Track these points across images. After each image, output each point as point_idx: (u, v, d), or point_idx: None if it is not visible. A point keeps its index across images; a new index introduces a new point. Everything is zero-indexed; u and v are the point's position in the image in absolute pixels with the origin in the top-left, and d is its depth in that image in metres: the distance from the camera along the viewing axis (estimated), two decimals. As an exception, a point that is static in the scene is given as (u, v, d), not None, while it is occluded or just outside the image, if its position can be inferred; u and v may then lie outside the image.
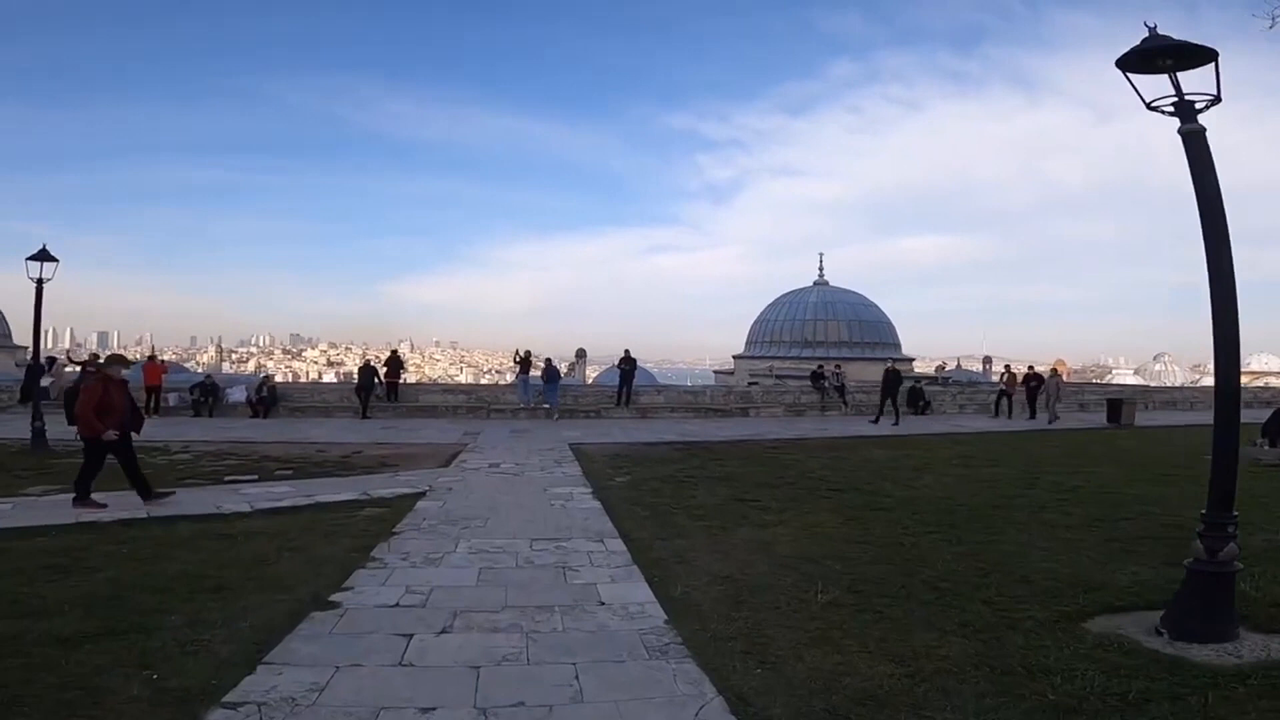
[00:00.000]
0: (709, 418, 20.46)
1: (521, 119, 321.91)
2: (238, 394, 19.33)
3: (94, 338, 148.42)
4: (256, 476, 9.80)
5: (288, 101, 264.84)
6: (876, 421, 18.65)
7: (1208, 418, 4.59)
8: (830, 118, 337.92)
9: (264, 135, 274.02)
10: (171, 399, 18.75)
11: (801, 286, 41.60)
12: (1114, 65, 4.40)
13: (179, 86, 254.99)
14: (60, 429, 13.52)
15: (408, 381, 22.60)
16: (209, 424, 16.86)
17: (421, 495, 8.43)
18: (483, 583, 5.18)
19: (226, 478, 9.69)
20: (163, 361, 21.05)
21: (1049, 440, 16.32)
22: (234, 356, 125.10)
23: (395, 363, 20.18)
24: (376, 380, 19.31)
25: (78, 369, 18.51)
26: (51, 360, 20.04)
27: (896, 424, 18.50)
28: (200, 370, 48.24)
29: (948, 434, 17.25)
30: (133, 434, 8.01)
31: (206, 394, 18.74)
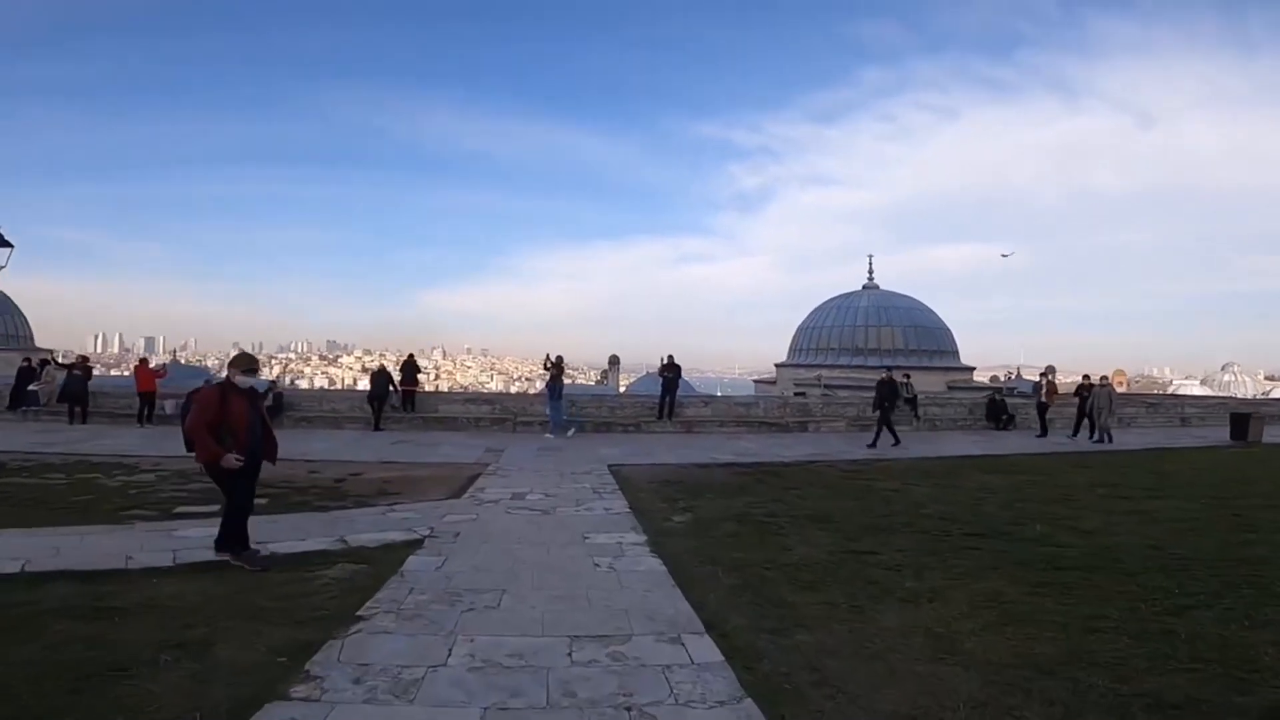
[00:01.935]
0: (763, 432, 17.94)
1: (556, 130, 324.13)
2: (240, 402, 17.41)
3: (141, 343, 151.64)
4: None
5: (331, 113, 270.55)
6: (874, 445, 14.74)
7: None
8: (862, 126, 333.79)
9: (309, 146, 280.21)
10: (168, 406, 16.82)
11: (850, 290, 38.80)
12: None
13: (226, 96, 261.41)
14: (27, 438, 11.67)
15: (434, 389, 20.48)
16: (202, 436, 14.88)
17: (417, 545, 6.15)
18: (485, 750, 2.85)
19: (177, 509, 7.58)
20: (163, 365, 19.21)
21: (1181, 460, 13.61)
22: (272, 361, 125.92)
23: (411, 369, 18.03)
24: (392, 388, 17.23)
25: (63, 373, 16.84)
26: (44, 363, 18.40)
27: (897, 443, 14.86)
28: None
29: (1053, 453, 14.59)
30: (265, 464, 5.93)
31: (205, 402, 16.84)
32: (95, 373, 18.90)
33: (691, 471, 11.30)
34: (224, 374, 5.86)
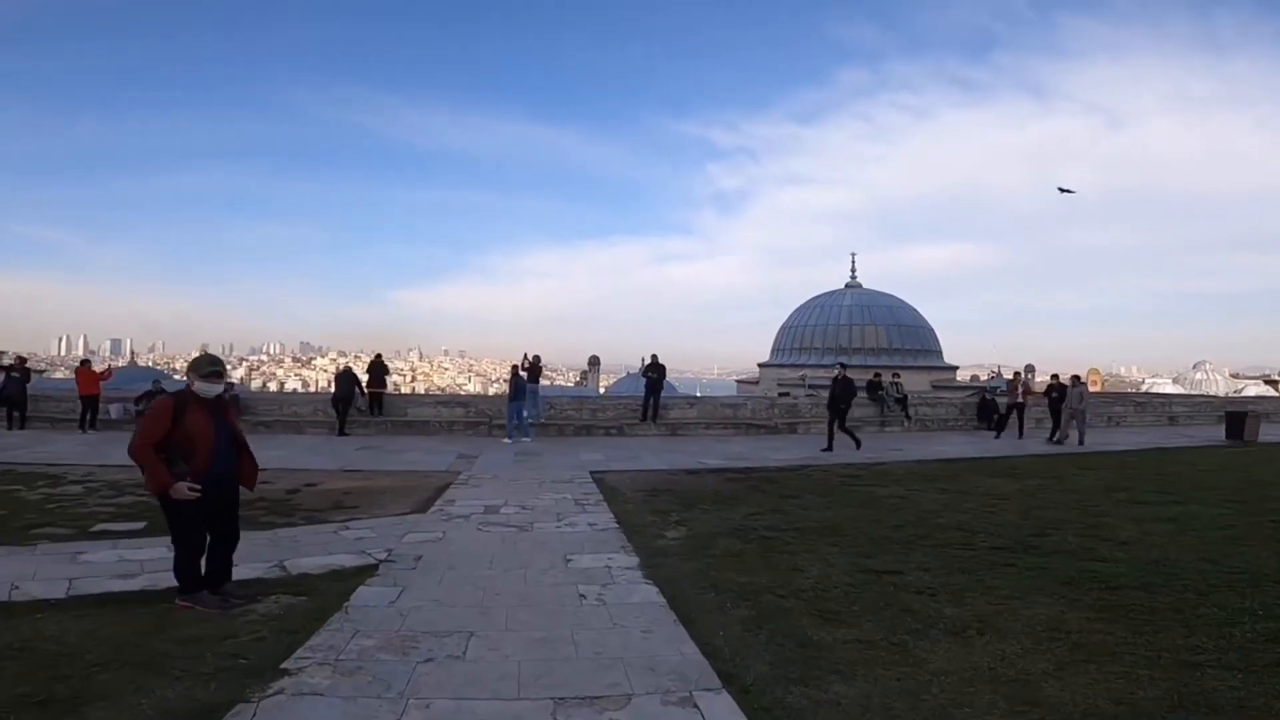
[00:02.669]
0: (752, 435, 17.23)
1: (534, 128, 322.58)
2: (193, 405, 16.23)
3: (107, 345, 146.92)
4: (143, 525, 6.67)
5: (307, 111, 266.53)
6: (829, 448, 13.93)
7: None
8: (840, 126, 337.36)
9: (282, 144, 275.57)
10: (114, 410, 15.68)
11: (833, 289, 38.38)
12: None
13: (199, 95, 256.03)
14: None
15: (409, 391, 19.42)
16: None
17: (370, 571, 5.24)
18: None
19: (95, 527, 6.58)
20: (108, 367, 17.92)
21: (1185, 461, 13.13)
22: (243, 363, 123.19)
23: (379, 370, 17.01)
24: (358, 390, 16.20)
25: (0, 375, 15.54)
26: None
27: (859, 447, 13.93)
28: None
29: (1051, 455, 14.09)
30: (242, 489, 4.68)
31: (155, 405, 15.67)
32: (58, 376, 17.59)
33: (681, 478, 10.50)
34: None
